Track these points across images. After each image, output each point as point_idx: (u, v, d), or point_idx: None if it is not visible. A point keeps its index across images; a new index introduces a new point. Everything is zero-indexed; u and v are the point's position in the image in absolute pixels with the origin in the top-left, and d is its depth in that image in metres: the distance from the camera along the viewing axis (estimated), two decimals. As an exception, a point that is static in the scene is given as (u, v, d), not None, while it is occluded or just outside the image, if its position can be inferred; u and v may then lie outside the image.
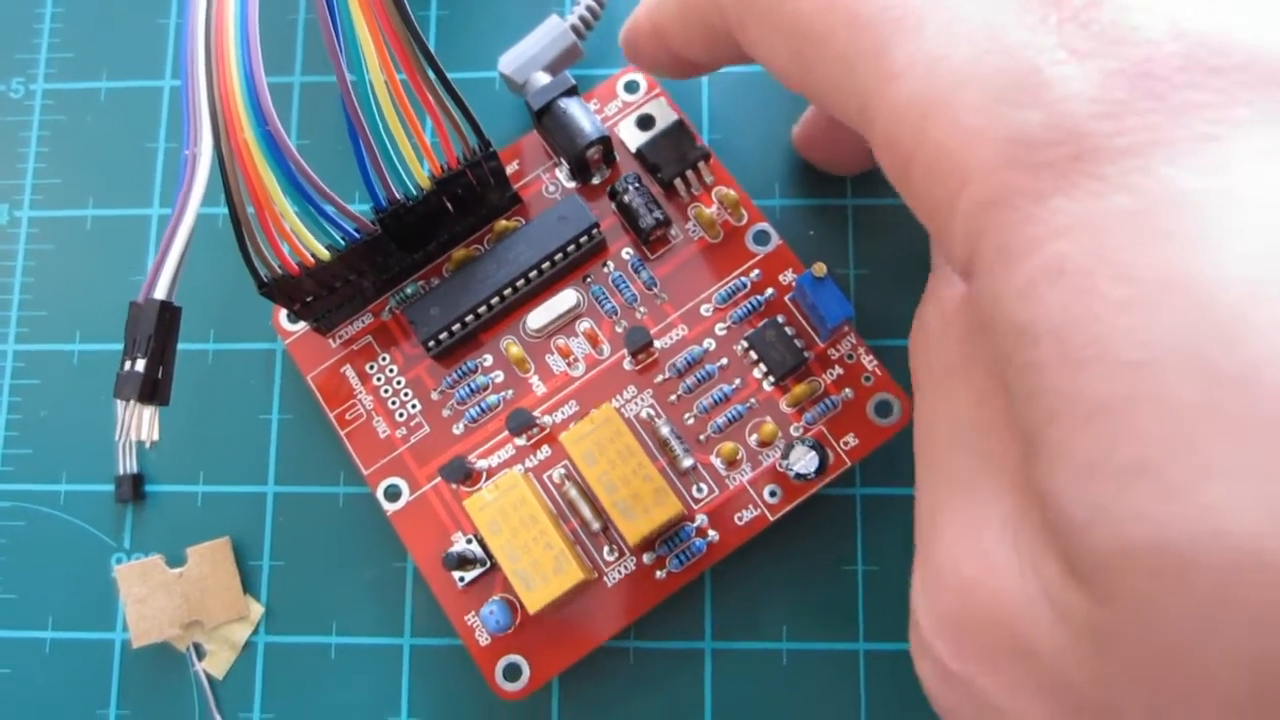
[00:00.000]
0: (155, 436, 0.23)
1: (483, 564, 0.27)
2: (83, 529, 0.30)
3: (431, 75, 0.24)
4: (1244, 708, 0.13)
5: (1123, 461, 0.13)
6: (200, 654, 0.29)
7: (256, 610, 0.29)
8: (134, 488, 0.30)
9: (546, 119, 0.29)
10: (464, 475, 0.27)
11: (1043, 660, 0.15)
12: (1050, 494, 0.14)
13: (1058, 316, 0.14)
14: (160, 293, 0.22)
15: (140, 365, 0.22)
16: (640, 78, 0.30)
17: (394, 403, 0.28)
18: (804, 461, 0.25)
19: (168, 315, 0.23)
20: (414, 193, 0.26)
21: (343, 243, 0.26)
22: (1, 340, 0.31)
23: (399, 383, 0.28)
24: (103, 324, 0.31)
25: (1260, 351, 0.12)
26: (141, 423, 0.22)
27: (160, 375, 0.23)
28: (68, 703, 0.29)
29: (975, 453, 0.18)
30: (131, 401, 0.22)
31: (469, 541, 0.27)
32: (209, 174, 0.23)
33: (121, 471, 0.30)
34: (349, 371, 0.29)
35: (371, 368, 0.29)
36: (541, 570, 0.25)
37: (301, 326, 0.29)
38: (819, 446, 0.25)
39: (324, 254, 0.25)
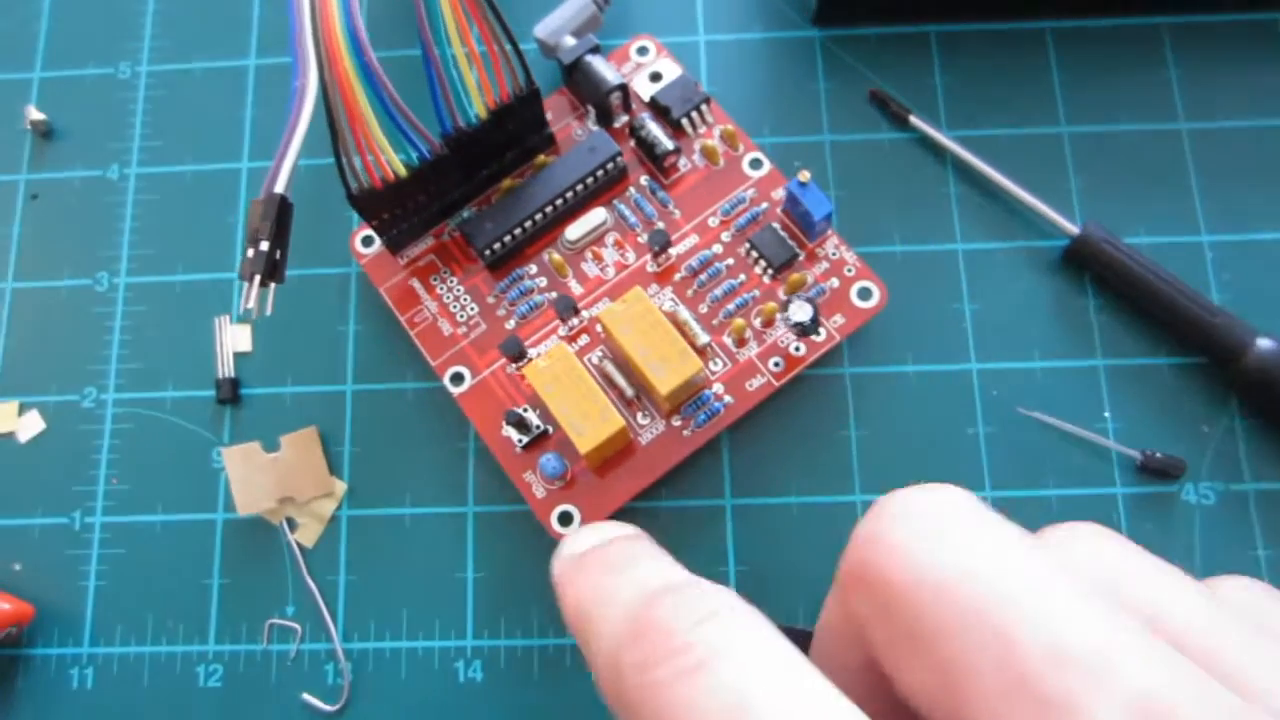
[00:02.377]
0: (269, 310, 0.27)
1: (536, 429, 0.31)
2: (186, 428, 0.34)
3: (492, 17, 0.29)
4: None
5: None
6: (292, 527, 0.33)
7: (340, 487, 0.33)
8: (232, 390, 0.34)
9: (575, 73, 0.34)
10: (518, 353, 0.31)
11: None
12: None
13: None
14: (280, 187, 0.27)
15: (264, 247, 0.27)
16: (649, 42, 0.35)
17: (454, 307, 0.33)
18: (801, 311, 0.30)
19: (285, 206, 0.27)
20: (474, 121, 0.31)
21: (417, 162, 0.30)
22: (114, 274, 0.36)
23: (458, 290, 0.33)
24: (200, 258, 0.36)
25: None
26: (262, 299, 0.27)
27: (278, 257, 0.27)
28: (177, 575, 0.33)
29: None
30: (256, 279, 0.27)
31: (525, 410, 0.31)
32: (315, 103, 0.27)
33: (221, 377, 0.34)
34: (415, 284, 0.33)
35: (434, 280, 0.33)
36: (590, 419, 0.29)
37: (374, 249, 0.34)
38: (813, 301, 0.30)
39: (402, 170, 0.30)
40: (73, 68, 0.38)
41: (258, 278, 0.27)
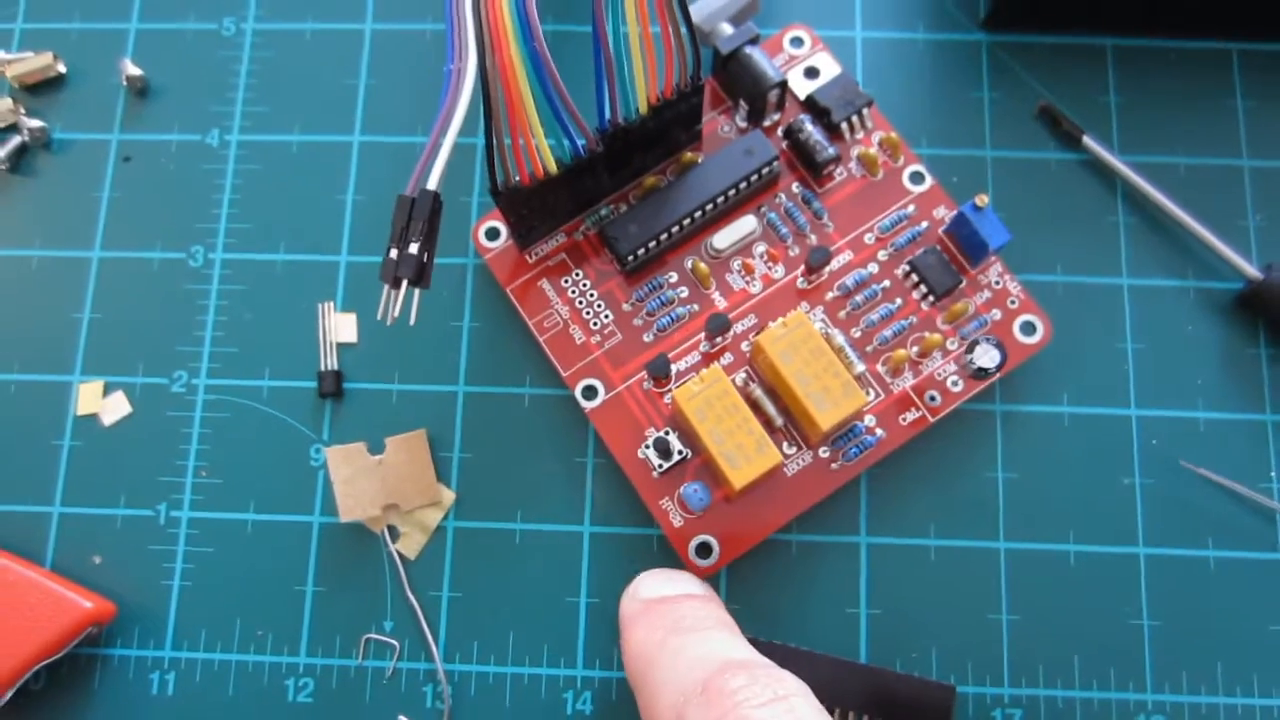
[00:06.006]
0: (414, 318, 0.23)
1: (679, 455, 0.28)
2: (284, 421, 0.31)
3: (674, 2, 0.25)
4: None
5: None
6: (394, 536, 0.30)
7: (448, 497, 0.30)
8: (335, 383, 0.30)
9: (732, 64, 0.30)
10: (664, 373, 0.28)
11: None
12: None
13: None
14: (432, 183, 0.23)
15: (413, 248, 0.23)
16: (805, 33, 0.31)
17: (588, 313, 0.29)
18: (987, 356, 0.26)
19: (436, 204, 0.23)
20: (633, 113, 0.27)
21: (569, 159, 0.27)
22: (210, 249, 0.32)
23: (592, 295, 0.29)
24: (305, 237, 0.32)
25: None
26: (409, 305, 0.23)
27: (426, 260, 0.23)
28: (268, 579, 0.30)
29: None
30: (404, 284, 0.23)
31: (666, 433, 0.28)
32: (474, 84, 0.23)
33: (323, 369, 0.31)
34: (545, 285, 0.30)
35: (565, 281, 0.30)
36: (745, 451, 0.26)
37: (499, 243, 0.30)
38: (1000, 345, 0.27)
39: (554, 166, 0.26)
40: (173, 20, 0.34)
41: (405, 283, 0.23)
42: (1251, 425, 0.30)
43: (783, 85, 0.30)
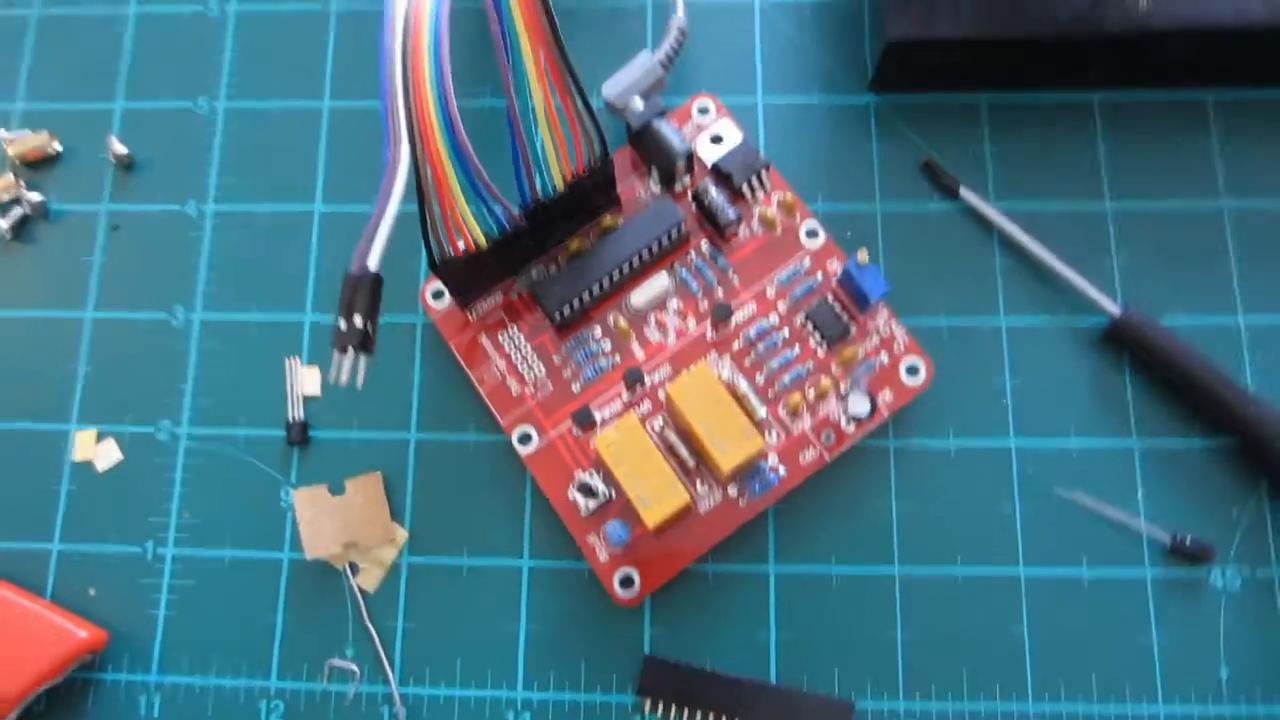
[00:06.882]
0: (361, 381, 0.26)
1: (603, 496, 0.31)
2: (256, 466, 0.34)
3: (571, 83, 0.28)
4: None
5: None
6: (355, 571, 0.33)
7: (402, 535, 0.33)
8: (302, 433, 0.34)
9: (643, 137, 0.33)
10: (588, 421, 0.31)
11: None
12: None
13: None
14: (373, 265, 0.26)
15: (358, 321, 0.26)
16: (710, 102, 0.35)
17: (522, 366, 0.33)
18: (860, 404, 0.29)
19: (377, 283, 0.26)
20: (550, 189, 0.30)
21: (496, 232, 0.30)
22: (190, 309, 0.35)
23: (526, 349, 0.33)
24: (274, 298, 0.35)
25: None
26: (355, 369, 0.26)
27: (370, 330, 0.26)
28: (243, 610, 0.33)
29: None
30: (349, 350, 0.26)
31: (591, 476, 0.31)
32: (406, 170, 0.26)
33: (291, 419, 0.34)
34: (484, 340, 0.33)
35: (503, 337, 0.33)
36: (657, 493, 0.29)
37: (444, 303, 0.33)
38: (870, 392, 0.30)
39: (483, 241, 0.29)
40: (153, 99, 0.38)
41: (350, 350, 0.26)
42: (1119, 451, 0.33)
43: (689, 155, 0.33)
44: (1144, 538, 0.32)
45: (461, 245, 0.29)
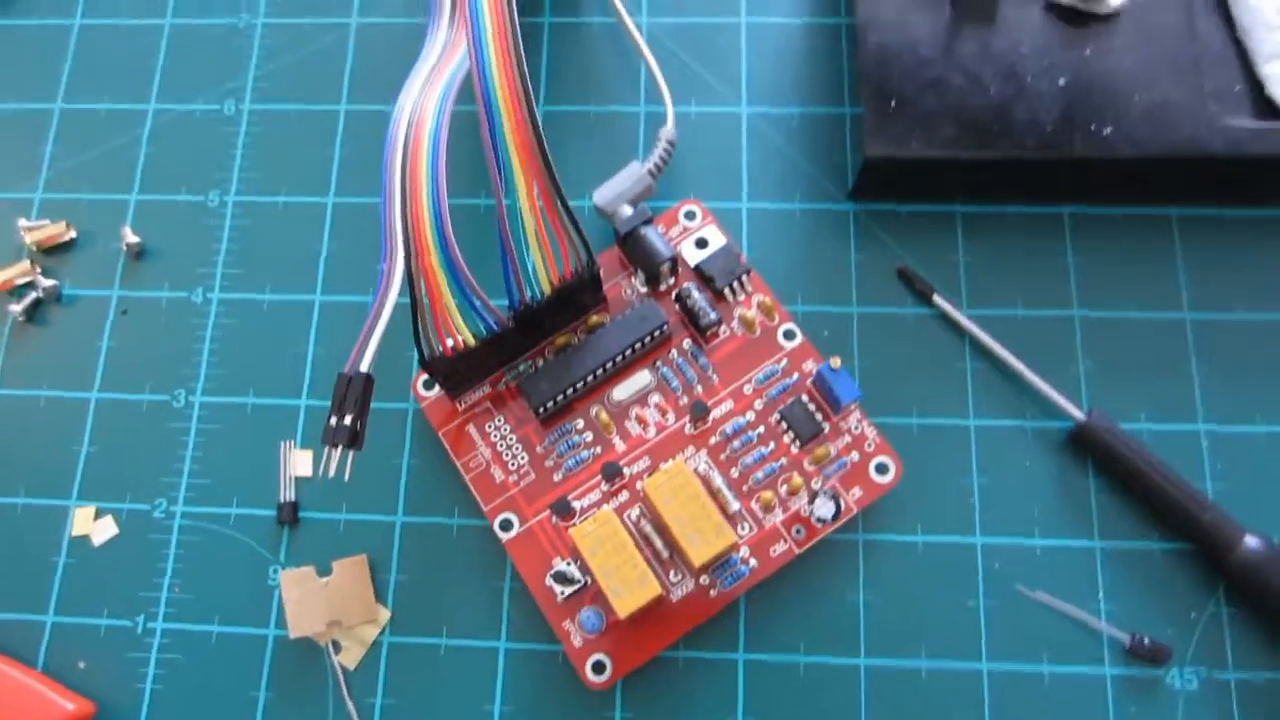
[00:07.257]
0: (348, 475, 0.28)
1: (578, 583, 0.32)
2: (247, 544, 0.35)
3: (560, 206, 0.30)
4: None
5: None
6: (337, 649, 0.34)
7: (384, 615, 0.34)
8: (292, 513, 0.35)
9: (630, 241, 0.35)
10: (567, 511, 0.32)
11: None
12: None
13: None
14: (365, 366, 0.28)
15: (348, 420, 0.28)
16: (697, 208, 0.36)
17: (507, 455, 0.34)
18: (825, 508, 0.31)
19: (369, 384, 0.28)
20: (538, 295, 0.32)
21: (485, 333, 0.31)
22: (191, 392, 0.37)
23: (511, 439, 0.34)
24: (271, 384, 0.37)
25: None
26: (344, 463, 0.28)
27: (359, 427, 0.28)
28: (228, 685, 0.34)
29: None
30: (339, 448, 0.28)
31: (568, 564, 0.32)
32: (400, 283, 0.28)
33: (282, 500, 0.35)
34: (472, 429, 0.34)
35: (489, 426, 0.34)
36: (629, 584, 0.30)
37: (434, 393, 0.35)
38: (836, 497, 0.31)
39: (472, 341, 0.31)
40: (167, 193, 0.40)
41: (340, 446, 0.28)
42: (1081, 551, 0.34)
43: (673, 259, 0.35)
44: (1104, 637, 0.33)
45: (451, 344, 0.31)
